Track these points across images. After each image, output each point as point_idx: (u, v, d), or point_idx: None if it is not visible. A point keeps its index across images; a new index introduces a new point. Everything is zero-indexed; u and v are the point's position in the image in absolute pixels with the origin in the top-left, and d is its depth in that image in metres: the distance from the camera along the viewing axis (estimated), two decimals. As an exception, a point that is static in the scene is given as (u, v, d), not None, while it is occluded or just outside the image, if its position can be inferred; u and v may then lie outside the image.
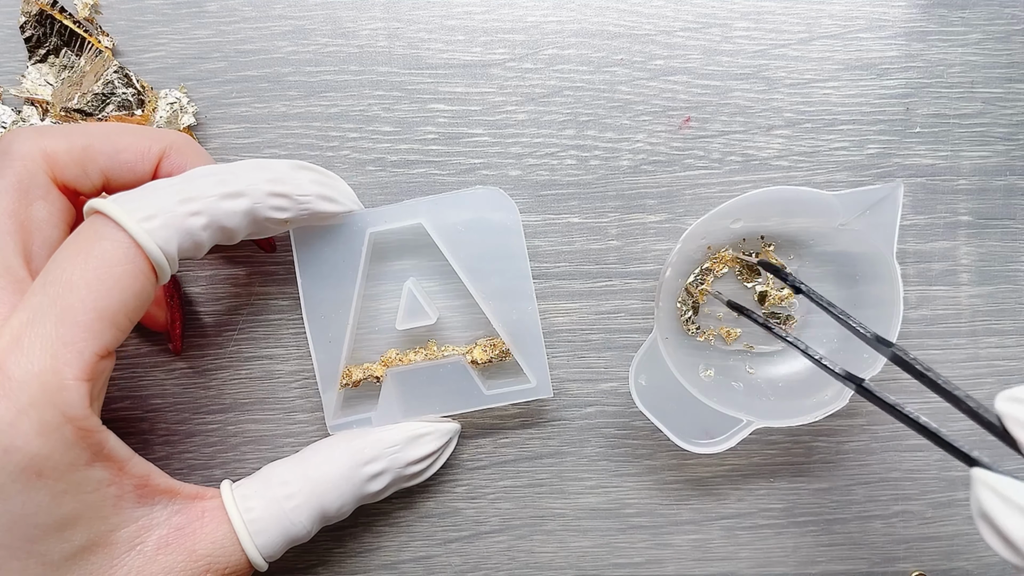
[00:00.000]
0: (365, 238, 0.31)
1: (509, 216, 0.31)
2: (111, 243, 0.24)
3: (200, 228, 0.26)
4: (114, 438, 0.24)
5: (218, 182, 0.26)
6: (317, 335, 0.32)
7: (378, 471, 0.30)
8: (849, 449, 0.35)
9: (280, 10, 0.33)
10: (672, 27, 0.34)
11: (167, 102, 0.32)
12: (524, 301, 0.32)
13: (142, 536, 0.25)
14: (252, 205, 0.27)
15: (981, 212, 0.35)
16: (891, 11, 0.34)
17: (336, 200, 0.30)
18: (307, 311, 0.32)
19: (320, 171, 0.30)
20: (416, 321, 0.32)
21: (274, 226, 0.29)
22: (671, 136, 0.34)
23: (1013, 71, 0.34)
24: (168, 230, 0.25)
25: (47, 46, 0.32)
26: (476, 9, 0.34)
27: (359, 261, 0.31)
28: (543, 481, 0.34)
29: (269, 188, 0.27)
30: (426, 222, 0.31)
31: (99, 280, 0.23)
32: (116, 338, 0.24)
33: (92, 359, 0.23)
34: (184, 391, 0.33)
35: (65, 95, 0.32)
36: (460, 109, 0.34)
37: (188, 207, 0.25)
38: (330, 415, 0.32)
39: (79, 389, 0.23)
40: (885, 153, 0.34)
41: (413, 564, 0.34)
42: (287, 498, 0.28)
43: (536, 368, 0.32)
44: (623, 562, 0.34)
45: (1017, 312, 0.35)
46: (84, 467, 0.23)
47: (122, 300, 0.24)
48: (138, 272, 0.24)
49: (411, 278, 0.33)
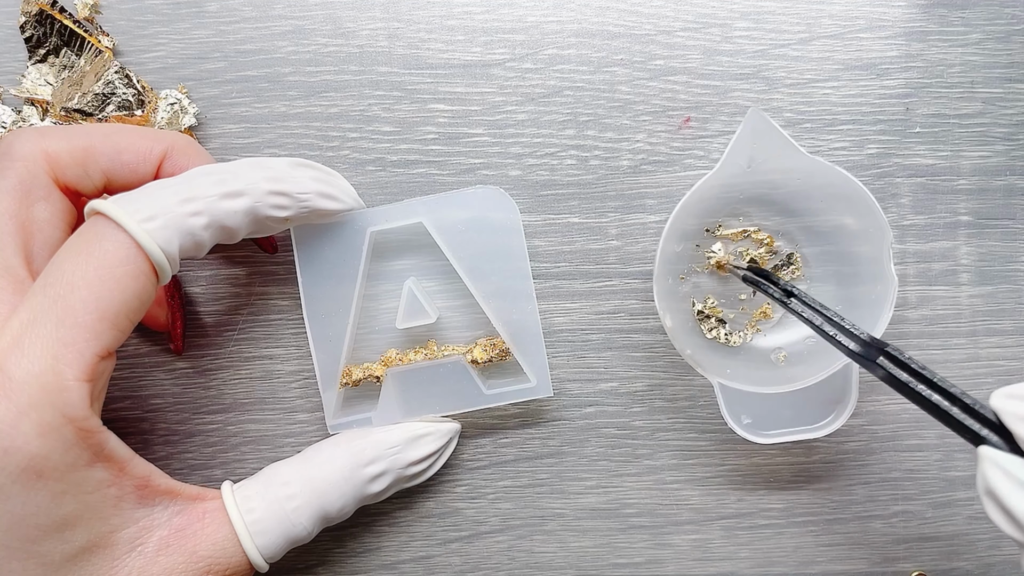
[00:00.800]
0: (366, 237, 0.31)
1: (509, 216, 0.31)
2: (112, 244, 0.24)
3: (201, 228, 0.26)
4: (114, 439, 0.24)
5: (218, 181, 0.26)
6: (317, 334, 0.32)
7: (379, 472, 0.30)
8: (849, 449, 0.35)
9: (280, 10, 0.33)
10: (672, 27, 0.34)
11: (168, 103, 0.32)
12: (524, 301, 0.32)
13: (143, 537, 0.25)
14: (252, 204, 0.27)
15: (981, 212, 0.35)
16: (891, 11, 0.34)
17: (336, 197, 0.30)
18: (307, 310, 0.32)
19: (320, 168, 0.30)
20: (416, 320, 0.32)
21: (275, 224, 0.29)
22: (671, 136, 0.34)
23: (1013, 71, 0.34)
24: (169, 230, 0.25)
25: (47, 46, 0.32)
26: (476, 9, 0.34)
27: (360, 260, 0.31)
28: (543, 481, 0.34)
29: (269, 187, 0.27)
30: (427, 221, 0.31)
31: (100, 281, 0.23)
32: (117, 339, 0.24)
33: (93, 360, 0.23)
34: (184, 391, 0.33)
35: (65, 95, 0.32)
36: (460, 109, 0.34)
37: (188, 207, 0.25)
38: (330, 415, 0.32)
39: (80, 390, 0.23)
40: (885, 153, 0.34)
41: (413, 564, 0.34)
42: (288, 499, 0.28)
43: (536, 367, 0.32)
44: (623, 562, 0.34)
45: (1017, 312, 0.35)
46: (84, 468, 0.23)
47: (123, 300, 0.24)
48: (139, 273, 0.24)
49: (411, 277, 0.33)
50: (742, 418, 0.31)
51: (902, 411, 0.35)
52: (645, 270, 0.34)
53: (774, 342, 0.34)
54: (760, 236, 0.33)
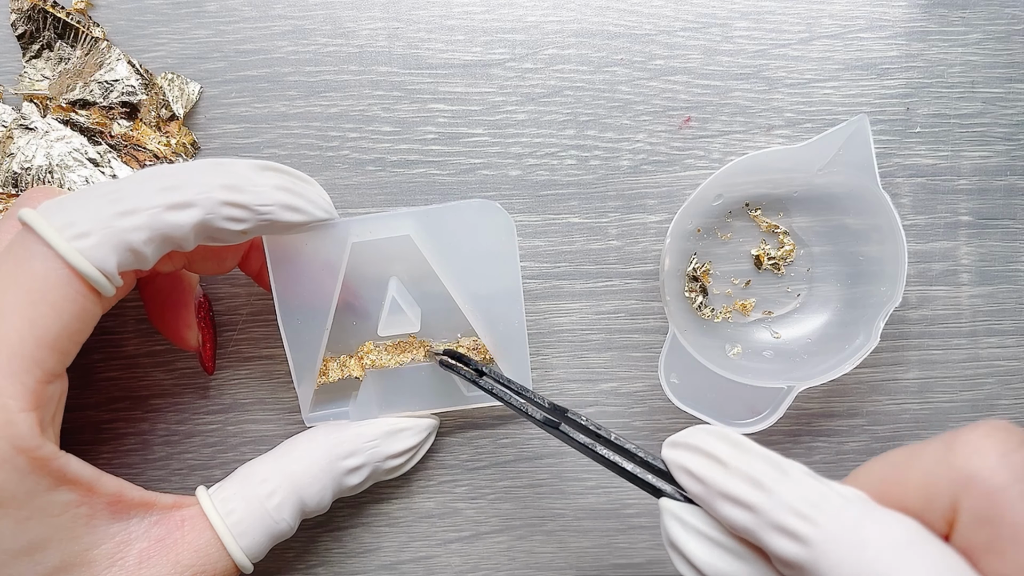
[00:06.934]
0: (346, 248, 0.29)
1: (503, 233, 0.29)
2: (42, 265, 0.22)
3: (142, 243, 0.23)
4: (76, 461, 0.24)
5: (162, 188, 0.24)
6: (293, 338, 0.30)
7: (357, 465, 0.30)
8: (849, 449, 0.35)
9: (280, 10, 0.33)
10: (672, 27, 0.34)
11: (167, 80, 0.32)
12: (512, 320, 0.31)
13: (121, 551, 0.25)
14: (203, 217, 0.24)
15: (981, 212, 0.35)
16: (891, 11, 0.34)
17: (302, 210, 0.26)
18: (281, 310, 0.30)
19: (288, 173, 0.26)
20: (399, 328, 0.31)
21: (229, 237, 0.25)
22: (671, 136, 0.34)
23: (1013, 71, 0.34)
24: (104, 248, 0.23)
25: (40, 40, 0.32)
26: (476, 9, 0.34)
27: (338, 274, 0.29)
28: (543, 481, 0.34)
29: (223, 196, 0.24)
30: (415, 235, 0.29)
31: (32, 306, 0.22)
32: (61, 362, 0.23)
33: (37, 388, 0.22)
34: (184, 391, 0.33)
35: (65, 86, 0.32)
36: (460, 109, 0.34)
37: (127, 221, 0.23)
38: (306, 408, 0.31)
39: (27, 420, 0.22)
40: (885, 153, 0.34)
41: (413, 564, 0.34)
42: (268, 496, 0.28)
43: (520, 377, 0.31)
44: (623, 562, 0.34)
45: (1017, 312, 0.35)
46: (46, 493, 0.23)
47: (61, 324, 0.23)
48: (75, 295, 0.23)
49: (394, 283, 0.31)
50: (671, 376, 0.32)
51: (902, 411, 0.35)
52: (645, 270, 0.34)
53: (735, 337, 0.34)
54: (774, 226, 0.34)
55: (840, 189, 0.32)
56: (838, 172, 0.32)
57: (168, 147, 0.33)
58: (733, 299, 0.34)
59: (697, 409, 0.31)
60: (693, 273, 0.34)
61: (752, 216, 0.34)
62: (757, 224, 0.34)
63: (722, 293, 0.34)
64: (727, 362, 0.33)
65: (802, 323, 0.34)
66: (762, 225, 0.34)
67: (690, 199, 0.31)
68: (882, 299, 0.31)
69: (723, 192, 0.33)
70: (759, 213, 0.34)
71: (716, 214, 0.34)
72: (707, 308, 0.34)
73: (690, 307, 0.34)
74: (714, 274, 0.34)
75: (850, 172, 0.31)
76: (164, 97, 0.32)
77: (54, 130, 0.32)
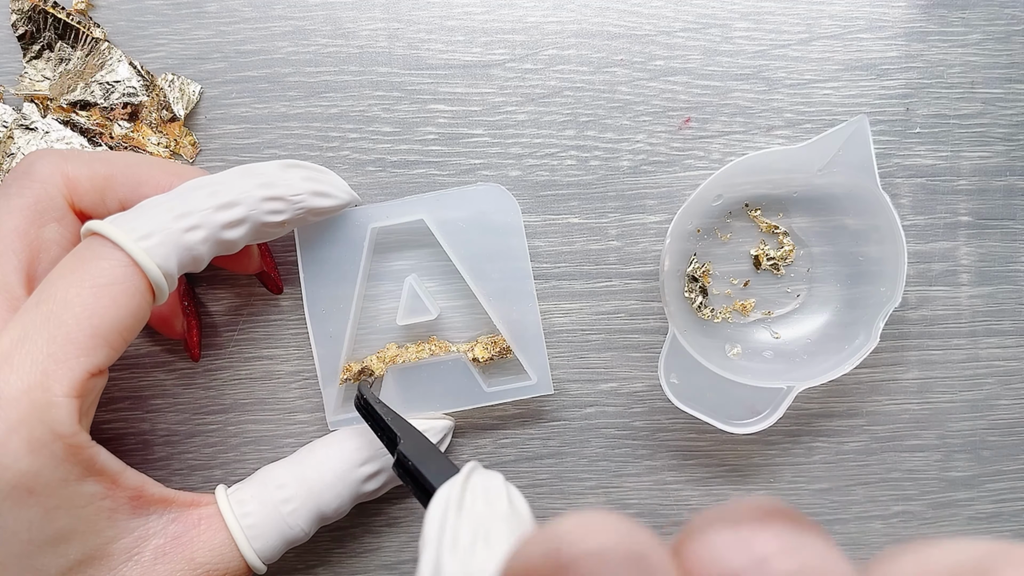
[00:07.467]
0: (367, 233, 0.31)
1: (510, 214, 0.32)
2: (108, 262, 0.24)
3: (199, 242, 0.26)
4: (105, 452, 0.24)
5: (210, 194, 0.26)
6: (318, 331, 0.32)
7: (374, 471, 0.30)
8: (849, 449, 0.35)
9: (280, 10, 0.33)
10: (672, 27, 0.34)
11: (168, 81, 0.32)
12: (525, 299, 0.32)
13: (139, 547, 0.25)
14: (248, 212, 0.27)
15: (981, 212, 0.35)
16: (891, 11, 0.34)
17: (330, 194, 0.30)
18: (309, 307, 0.32)
19: (309, 167, 0.30)
20: (417, 317, 0.32)
21: (273, 230, 0.28)
22: (671, 136, 0.34)
23: (1013, 71, 0.34)
24: (166, 247, 0.25)
25: (41, 41, 0.32)
26: (476, 9, 0.34)
27: (360, 256, 0.31)
28: (543, 481, 0.34)
29: (262, 193, 0.27)
30: (428, 218, 0.31)
31: (95, 298, 0.23)
32: (109, 357, 0.24)
33: (83, 376, 0.23)
34: (184, 391, 0.34)
35: (66, 87, 0.32)
36: (460, 109, 0.34)
37: (184, 222, 0.25)
38: (331, 411, 0.32)
39: (68, 406, 0.22)
40: (885, 153, 0.34)
41: (413, 564, 0.34)
42: (284, 502, 0.28)
43: (537, 365, 0.32)
44: (623, 562, 0.34)
45: (1017, 312, 0.35)
46: (76, 482, 0.23)
47: (117, 318, 0.24)
48: (135, 291, 0.24)
49: (412, 274, 0.33)
50: (671, 376, 0.32)
51: (902, 411, 0.35)
52: (645, 270, 0.34)
53: (735, 338, 0.34)
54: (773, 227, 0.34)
55: (840, 189, 0.32)
56: (838, 172, 0.32)
57: (168, 148, 0.33)
58: (733, 299, 0.34)
59: (697, 409, 0.31)
60: (693, 273, 0.34)
61: (752, 216, 0.34)
62: (757, 224, 0.34)
63: (722, 293, 0.34)
64: (727, 362, 0.33)
65: (802, 323, 0.34)
66: (762, 225, 0.34)
67: (690, 199, 0.31)
68: (882, 299, 0.32)
69: (723, 192, 0.33)
70: (759, 213, 0.34)
71: (716, 214, 0.34)
72: (707, 308, 0.34)
73: (690, 307, 0.34)
74: (714, 274, 0.34)
75: (850, 172, 0.31)
76: (165, 98, 0.32)
77: (54, 131, 0.32)
